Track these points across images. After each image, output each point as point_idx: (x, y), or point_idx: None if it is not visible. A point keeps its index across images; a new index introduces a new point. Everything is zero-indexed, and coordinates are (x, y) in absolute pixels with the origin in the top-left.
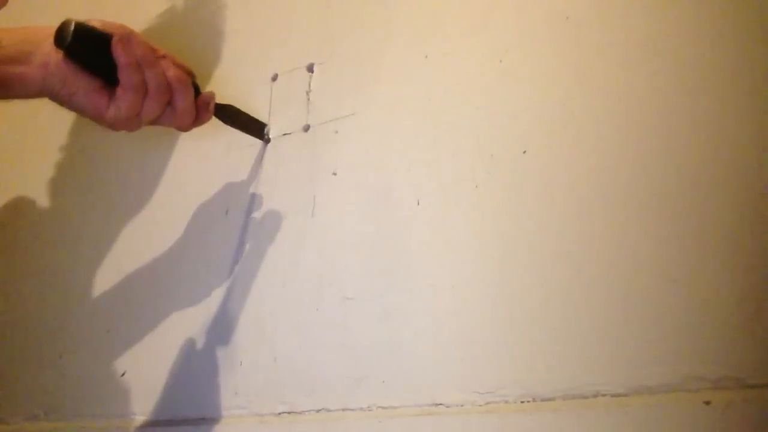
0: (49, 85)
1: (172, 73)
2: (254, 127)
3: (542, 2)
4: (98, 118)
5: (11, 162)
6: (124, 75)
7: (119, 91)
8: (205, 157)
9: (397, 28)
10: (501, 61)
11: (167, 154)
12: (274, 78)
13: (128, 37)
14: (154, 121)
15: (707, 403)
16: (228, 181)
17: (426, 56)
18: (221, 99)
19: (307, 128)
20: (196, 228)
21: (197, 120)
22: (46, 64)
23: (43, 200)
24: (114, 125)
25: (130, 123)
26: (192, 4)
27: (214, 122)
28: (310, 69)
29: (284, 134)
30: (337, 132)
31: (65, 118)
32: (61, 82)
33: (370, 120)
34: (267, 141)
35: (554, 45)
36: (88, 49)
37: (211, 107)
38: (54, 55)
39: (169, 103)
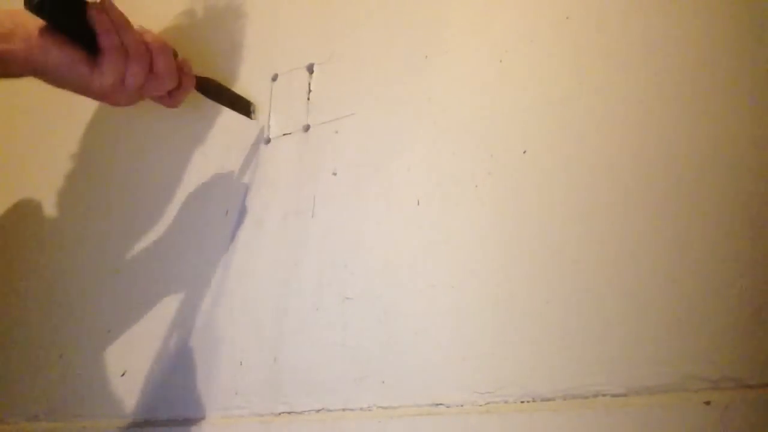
0: (32, 59)
1: (149, 37)
2: (240, 104)
3: (542, 2)
4: (85, 89)
5: (11, 163)
6: (104, 39)
7: (101, 57)
8: (204, 158)
9: (397, 28)
10: (501, 61)
11: (167, 155)
12: (274, 78)
13: (102, 3)
14: (142, 91)
15: (707, 403)
16: (228, 181)
17: (426, 56)
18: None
19: (307, 128)
20: (196, 228)
21: (181, 87)
22: (28, 39)
23: (43, 201)
24: (102, 95)
25: (117, 92)
26: (191, 4)
27: (214, 120)
28: (310, 69)
29: (284, 134)
30: (337, 132)
31: (65, 119)
32: (44, 55)
33: (370, 120)
34: (253, 119)
35: (554, 45)
36: (60, 10)
37: (190, 70)
38: (35, 31)
39: (151, 69)
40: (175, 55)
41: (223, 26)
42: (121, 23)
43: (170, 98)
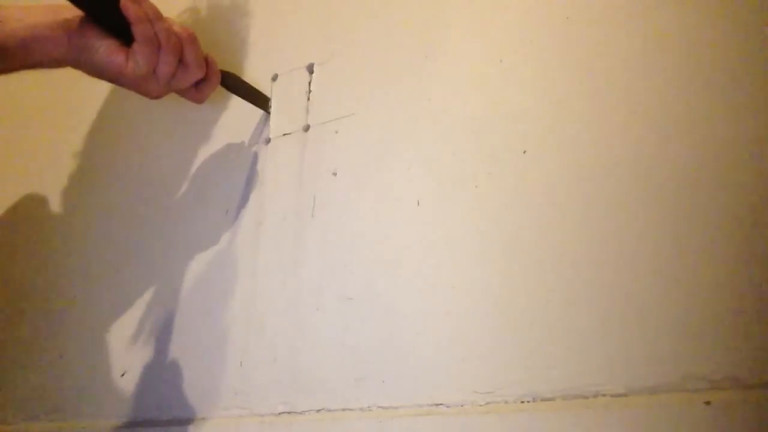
0: (73, 45)
1: (178, 28)
2: (258, 98)
3: (542, 2)
4: (119, 77)
5: (12, 162)
6: (138, 28)
7: (135, 45)
8: (205, 158)
9: (397, 28)
10: (501, 61)
11: (167, 155)
12: (274, 78)
13: None
14: (172, 81)
15: (707, 403)
16: (228, 181)
17: (426, 56)
18: (222, 98)
19: (307, 128)
20: (196, 228)
21: (207, 80)
22: (69, 28)
23: (43, 200)
24: (135, 83)
25: (149, 81)
26: (192, 4)
27: (214, 121)
28: (310, 69)
29: (284, 134)
30: (337, 132)
31: (66, 118)
32: (84, 42)
33: (370, 120)
34: (270, 113)
35: (554, 45)
36: (97, 1)
37: (215, 64)
38: (75, 22)
39: (181, 60)
40: None
41: (224, 26)
42: (153, 13)
43: (197, 92)
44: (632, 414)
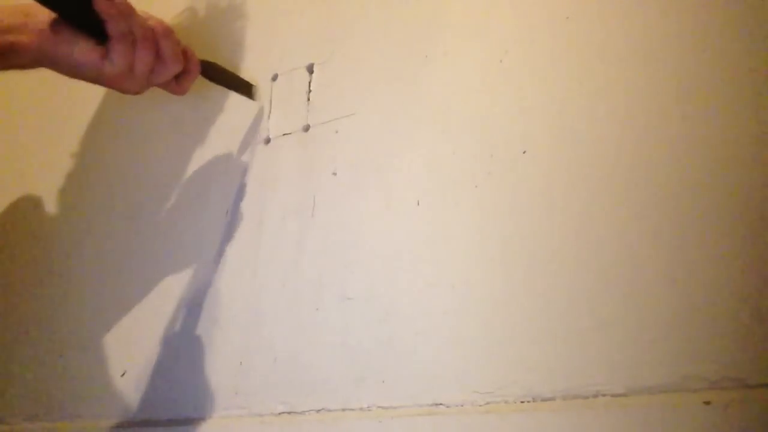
0: (44, 49)
1: (153, 22)
2: (242, 86)
3: (542, 2)
4: (96, 77)
5: (11, 162)
6: (112, 26)
7: (110, 43)
8: (204, 158)
9: (397, 28)
10: (501, 61)
11: (167, 155)
12: (274, 78)
13: None
14: (150, 76)
15: (707, 403)
16: (228, 181)
17: (426, 56)
18: (221, 98)
19: (307, 128)
20: (197, 228)
21: (187, 72)
22: (41, 31)
23: (43, 200)
24: (113, 82)
25: (127, 78)
26: (191, 4)
27: (214, 120)
28: (310, 69)
29: (284, 134)
30: (337, 132)
31: (66, 118)
32: (56, 45)
33: (370, 120)
34: (256, 100)
35: (554, 45)
36: (69, 1)
37: (193, 55)
38: (46, 23)
39: (157, 54)
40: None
41: (224, 26)
42: (126, 9)
43: (178, 85)
44: (632, 414)
